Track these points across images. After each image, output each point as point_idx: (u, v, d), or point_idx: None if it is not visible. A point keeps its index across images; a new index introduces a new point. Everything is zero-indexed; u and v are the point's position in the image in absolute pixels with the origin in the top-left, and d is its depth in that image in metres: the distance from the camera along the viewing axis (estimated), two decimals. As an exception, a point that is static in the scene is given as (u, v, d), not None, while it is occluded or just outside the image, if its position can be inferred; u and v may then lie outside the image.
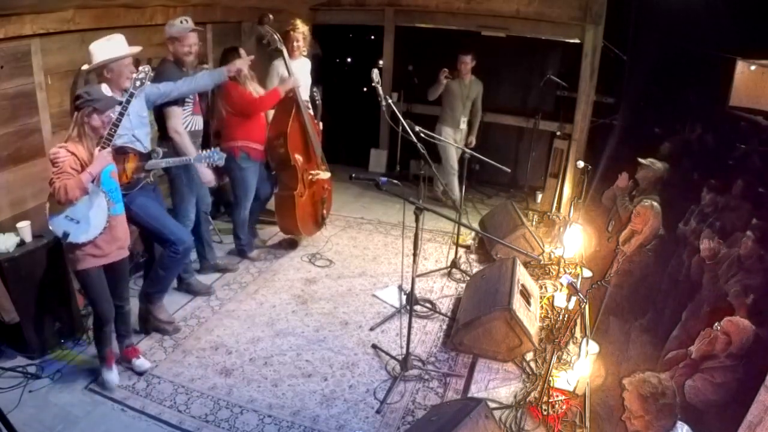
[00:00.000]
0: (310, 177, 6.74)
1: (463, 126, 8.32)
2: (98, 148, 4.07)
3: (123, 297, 4.71)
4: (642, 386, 3.39)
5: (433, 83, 8.14)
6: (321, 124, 7.15)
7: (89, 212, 4.11)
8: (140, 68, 4.52)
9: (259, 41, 6.71)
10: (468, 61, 7.95)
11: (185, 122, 5.46)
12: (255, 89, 6.21)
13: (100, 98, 3.94)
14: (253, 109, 6.12)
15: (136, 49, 4.64)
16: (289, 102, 6.28)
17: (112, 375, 4.69)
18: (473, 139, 8.58)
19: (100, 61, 4.44)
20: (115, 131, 4.14)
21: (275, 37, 5.97)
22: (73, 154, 3.89)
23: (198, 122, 5.68)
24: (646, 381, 3.41)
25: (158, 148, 4.84)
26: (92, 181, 3.97)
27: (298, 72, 6.74)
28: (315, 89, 7.05)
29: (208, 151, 4.91)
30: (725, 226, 6.46)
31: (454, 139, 8.26)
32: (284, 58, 6.20)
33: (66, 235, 4.05)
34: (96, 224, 4.21)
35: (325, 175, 6.90)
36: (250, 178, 6.41)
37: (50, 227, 4.03)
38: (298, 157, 6.57)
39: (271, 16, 6.21)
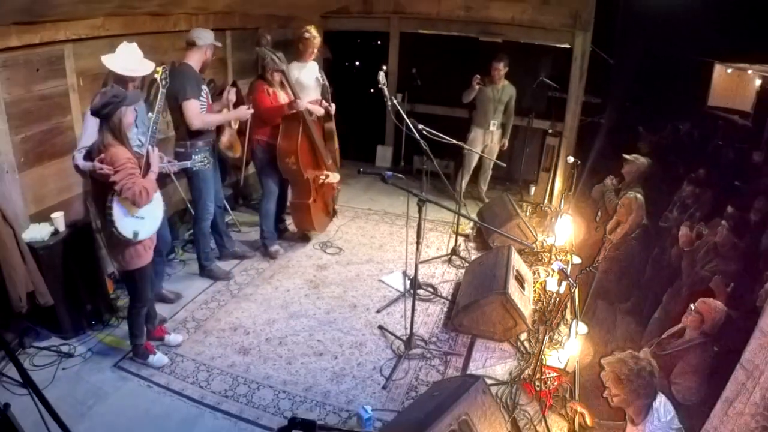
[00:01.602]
0: (321, 181, 6.65)
1: (494, 128, 8.20)
2: (149, 146, 4.07)
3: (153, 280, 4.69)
4: (618, 367, 3.38)
5: (466, 87, 8.04)
6: (333, 106, 7.04)
7: (150, 207, 4.11)
8: (162, 68, 4.51)
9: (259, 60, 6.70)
10: (500, 68, 7.84)
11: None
12: (285, 94, 6.16)
13: (125, 95, 3.89)
14: (260, 115, 6.06)
15: (149, 69, 4.59)
16: (294, 121, 6.14)
17: (159, 357, 4.72)
18: (506, 142, 8.52)
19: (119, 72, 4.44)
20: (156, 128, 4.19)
21: (274, 58, 5.88)
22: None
23: None
24: (623, 361, 3.40)
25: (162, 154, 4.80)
26: None
27: (308, 73, 6.81)
28: (322, 75, 6.93)
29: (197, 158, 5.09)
30: (704, 216, 6.49)
31: (483, 140, 8.22)
32: (285, 75, 6.05)
33: (136, 234, 4.02)
34: (157, 217, 4.24)
35: (335, 177, 6.82)
36: (267, 168, 6.38)
37: (119, 231, 3.93)
38: (310, 171, 6.49)
39: (268, 37, 6.18)
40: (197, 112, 5.25)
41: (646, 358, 3.46)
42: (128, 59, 4.46)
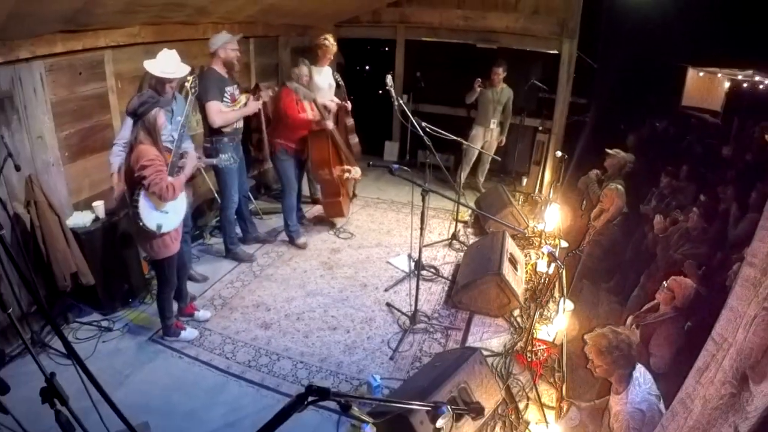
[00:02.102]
0: (345, 177, 6.64)
1: (494, 126, 8.15)
2: (189, 149, 4.15)
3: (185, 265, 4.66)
4: (599, 341, 3.38)
5: (465, 89, 7.99)
6: (349, 102, 7.12)
7: (174, 202, 4.08)
8: (192, 77, 4.49)
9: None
10: (500, 72, 7.79)
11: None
12: (310, 104, 6.14)
13: (158, 98, 3.89)
14: (287, 122, 6.00)
15: (184, 72, 4.55)
16: (323, 136, 6.16)
17: (189, 331, 4.73)
18: (503, 138, 8.45)
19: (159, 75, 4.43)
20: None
21: (307, 93, 6.04)
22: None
23: (239, 121, 5.58)
24: (603, 335, 3.39)
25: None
26: None
27: (323, 77, 6.82)
28: (338, 76, 6.96)
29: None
30: (679, 205, 6.51)
31: (483, 137, 8.16)
32: (316, 103, 6.15)
33: (159, 227, 3.98)
34: (180, 211, 4.20)
35: (357, 172, 6.76)
36: (289, 169, 6.31)
37: (143, 223, 3.90)
38: (338, 170, 6.49)
39: (297, 71, 6.11)
40: (217, 112, 5.21)
41: (624, 332, 3.45)
42: (167, 63, 4.43)
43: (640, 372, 3.39)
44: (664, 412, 2.82)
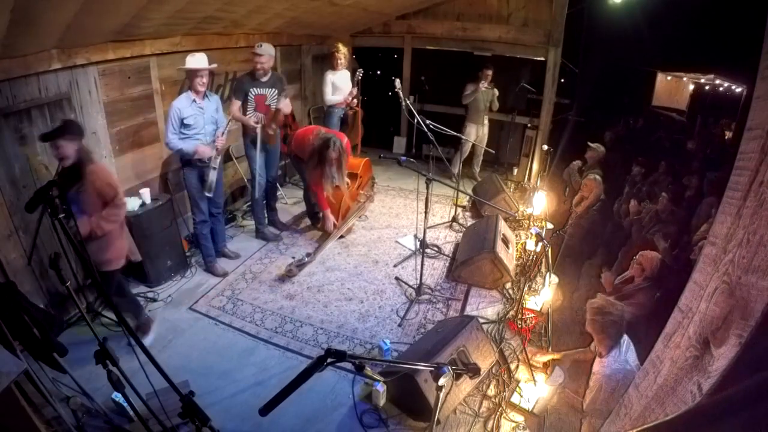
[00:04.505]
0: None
1: (486, 122, 8.06)
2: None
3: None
4: (599, 302, 3.48)
5: (471, 92, 7.79)
6: (356, 101, 7.13)
7: None
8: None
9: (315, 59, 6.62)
10: (489, 74, 7.69)
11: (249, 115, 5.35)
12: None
13: None
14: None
15: (203, 63, 4.57)
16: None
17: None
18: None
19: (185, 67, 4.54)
20: None
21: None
22: None
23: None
24: (604, 299, 3.53)
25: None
26: None
27: (341, 78, 6.93)
28: (359, 71, 6.92)
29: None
30: (650, 191, 6.55)
31: (476, 133, 8.03)
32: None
33: None
34: None
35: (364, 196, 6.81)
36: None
37: None
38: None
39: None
40: (233, 108, 5.20)
41: (620, 305, 3.49)
42: (198, 61, 4.50)
43: (625, 344, 3.38)
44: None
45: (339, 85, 6.92)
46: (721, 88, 12.72)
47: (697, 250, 4.62)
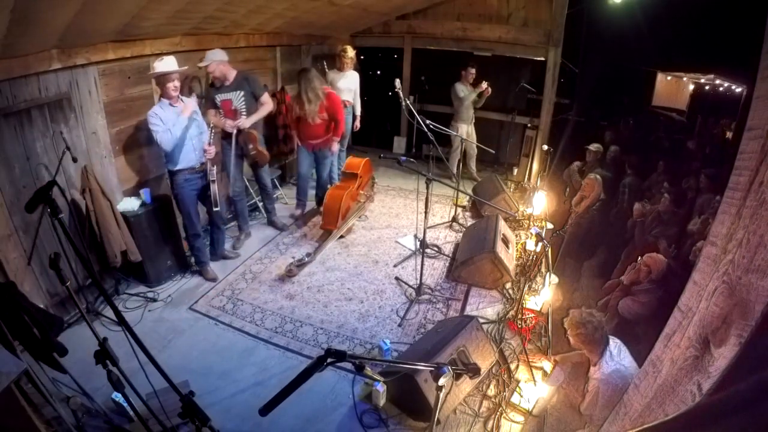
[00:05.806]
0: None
1: (473, 121, 8.06)
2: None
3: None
4: (574, 315, 3.49)
5: (469, 93, 7.80)
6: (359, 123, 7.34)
7: None
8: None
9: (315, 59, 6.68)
10: (473, 72, 7.68)
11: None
12: (310, 110, 5.93)
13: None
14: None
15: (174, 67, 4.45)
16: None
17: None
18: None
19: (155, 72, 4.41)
20: None
21: None
22: None
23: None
24: (579, 313, 3.49)
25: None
26: None
27: (345, 80, 7.06)
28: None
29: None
30: (651, 194, 6.55)
31: (466, 131, 7.98)
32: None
33: None
34: None
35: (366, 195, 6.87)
36: (302, 157, 6.37)
37: None
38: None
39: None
40: (210, 117, 5.11)
41: (597, 315, 3.52)
42: (167, 65, 4.37)
43: (616, 347, 3.41)
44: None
45: (341, 87, 6.95)
46: (721, 88, 12.72)
47: (697, 248, 4.64)
